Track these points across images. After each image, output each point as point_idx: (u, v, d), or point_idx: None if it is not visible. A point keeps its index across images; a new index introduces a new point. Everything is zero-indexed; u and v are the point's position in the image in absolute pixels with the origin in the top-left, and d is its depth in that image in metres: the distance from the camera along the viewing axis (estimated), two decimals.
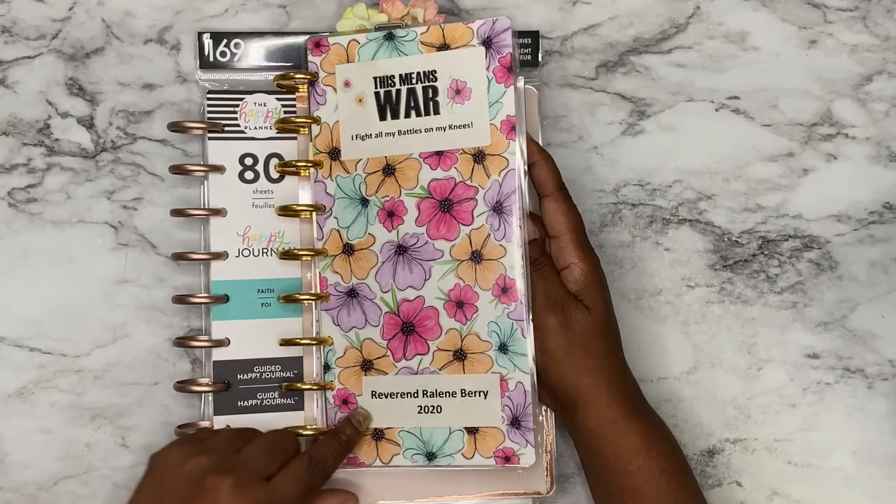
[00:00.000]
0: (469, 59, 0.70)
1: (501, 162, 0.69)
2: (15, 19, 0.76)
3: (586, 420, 0.68)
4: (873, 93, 0.79)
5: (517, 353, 0.69)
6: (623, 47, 0.79)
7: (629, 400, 0.69)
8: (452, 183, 0.70)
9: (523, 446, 0.69)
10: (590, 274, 0.69)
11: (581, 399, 0.68)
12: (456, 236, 0.70)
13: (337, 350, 0.72)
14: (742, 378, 0.77)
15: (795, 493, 0.77)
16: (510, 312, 0.69)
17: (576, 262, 0.69)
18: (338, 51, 0.72)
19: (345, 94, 0.72)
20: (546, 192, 0.70)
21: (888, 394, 0.77)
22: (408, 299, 0.70)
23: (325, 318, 0.72)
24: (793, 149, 0.79)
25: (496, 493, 0.73)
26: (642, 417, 0.69)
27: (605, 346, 0.68)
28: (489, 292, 0.69)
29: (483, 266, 0.69)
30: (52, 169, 0.76)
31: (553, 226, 0.70)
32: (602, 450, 0.68)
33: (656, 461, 0.68)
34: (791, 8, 0.79)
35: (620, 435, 0.68)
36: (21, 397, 0.74)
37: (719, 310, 0.78)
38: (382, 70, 0.71)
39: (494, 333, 0.69)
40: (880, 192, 0.79)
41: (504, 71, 0.69)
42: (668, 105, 0.79)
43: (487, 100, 0.69)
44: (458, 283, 0.70)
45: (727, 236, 0.78)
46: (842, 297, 0.78)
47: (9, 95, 0.76)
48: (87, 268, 0.75)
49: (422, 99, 0.70)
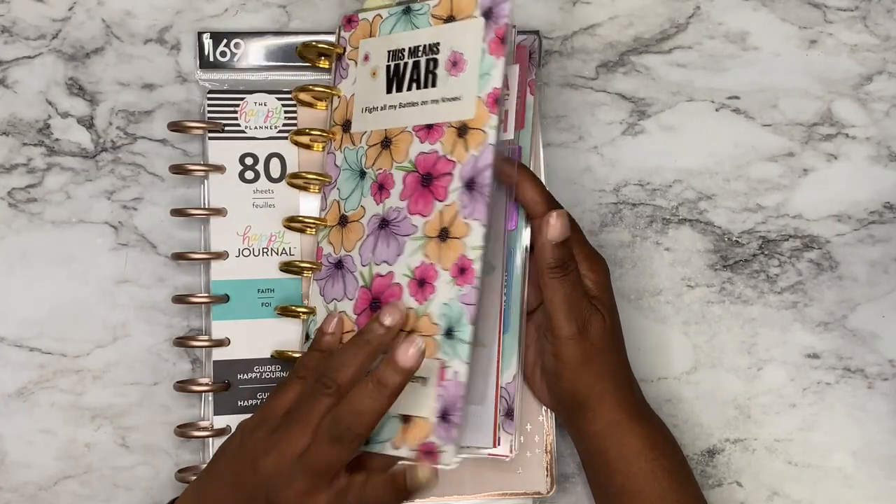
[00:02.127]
0: (468, 31, 0.68)
1: (480, 136, 0.66)
2: (15, 19, 0.76)
3: (591, 423, 0.68)
4: (873, 93, 0.79)
5: (460, 341, 0.64)
6: (623, 47, 0.79)
7: (633, 402, 0.69)
8: (435, 157, 0.67)
9: (446, 443, 0.63)
10: (599, 283, 0.68)
11: (588, 403, 0.68)
12: (430, 212, 0.67)
13: (318, 321, 0.71)
14: (742, 378, 0.77)
15: (795, 493, 0.76)
16: (462, 295, 0.64)
17: (585, 272, 0.68)
18: (364, 26, 0.73)
19: (363, 68, 0.72)
20: (538, 213, 0.67)
21: (888, 394, 0.77)
22: (380, 274, 0.68)
23: (314, 288, 0.72)
24: (793, 149, 0.79)
25: (496, 493, 0.73)
26: (645, 419, 0.69)
27: (612, 351, 0.68)
28: (448, 272, 0.65)
29: (447, 244, 0.66)
30: (52, 169, 0.75)
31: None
32: (605, 451, 0.68)
33: (658, 462, 0.68)
34: (791, 8, 0.79)
35: (623, 436, 0.68)
36: (21, 397, 0.74)
37: (719, 310, 0.78)
38: (396, 43, 0.71)
39: (444, 316, 0.65)
40: (880, 192, 0.79)
41: (498, 42, 0.66)
42: (669, 105, 0.79)
43: (479, 72, 0.67)
44: (424, 260, 0.66)
45: (727, 236, 0.78)
46: (842, 297, 0.78)
47: (9, 95, 0.76)
48: (87, 268, 0.75)
49: (423, 71, 0.69)
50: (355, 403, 0.61)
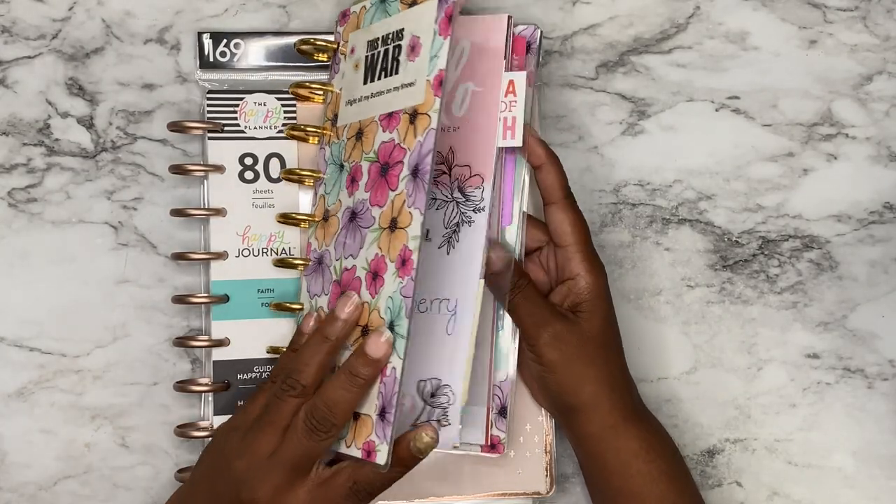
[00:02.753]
0: (425, 13, 0.66)
1: (426, 121, 0.63)
2: (15, 19, 0.76)
3: (587, 426, 0.68)
4: (873, 93, 0.79)
5: (399, 335, 0.62)
6: (623, 47, 0.79)
7: (629, 405, 0.69)
8: (392, 145, 0.65)
9: (381, 442, 0.61)
10: (595, 286, 0.68)
11: (582, 406, 0.68)
12: (385, 202, 0.65)
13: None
14: (742, 378, 0.77)
15: (796, 493, 0.76)
16: (402, 288, 0.62)
17: (582, 273, 0.68)
18: (353, 19, 0.73)
19: (349, 61, 0.72)
20: (553, 200, 0.69)
21: (888, 394, 0.77)
22: (347, 268, 0.67)
23: (303, 284, 0.72)
24: (793, 149, 0.79)
25: (496, 493, 0.73)
26: (642, 422, 0.69)
27: (605, 354, 0.68)
28: (394, 263, 0.63)
29: (395, 235, 0.64)
30: (51, 169, 0.75)
31: (560, 235, 0.69)
32: (602, 454, 0.68)
33: (655, 464, 0.68)
34: (791, 8, 0.79)
35: (620, 439, 0.68)
36: (21, 397, 0.74)
37: (719, 310, 0.78)
38: (373, 34, 0.70)
39: (388, 310, 0.63)
40: (880, 192, 0.79)
41: (446, 22, 0.64)
42: (668, 105, 0.79)
43: (429, 54, 0.65)
44: (377, 252, 0.64)
45: (727, 236, 0.78)
46: (842, 297, 0.78)
47: (9, 95, 0.76)
48: (87, 268, 0.75)
49: (390, 59, 0.68)
50: (329, 394, 0.61)
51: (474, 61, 0.70)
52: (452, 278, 0.68)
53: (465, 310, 0.67)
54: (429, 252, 0.69)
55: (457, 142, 0.70)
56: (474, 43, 0.70)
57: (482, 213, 0.68)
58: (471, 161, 0.69)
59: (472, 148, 0.70)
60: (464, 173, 0.69)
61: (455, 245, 0.69)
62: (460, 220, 0.69)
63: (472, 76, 0.70)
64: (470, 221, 0.69)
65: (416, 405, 0.68)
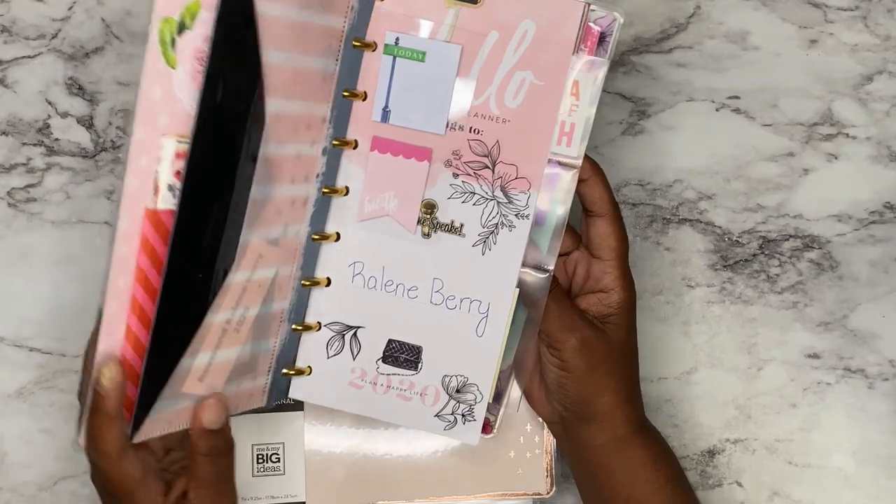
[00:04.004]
0: None
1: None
2: (14, 19, 0.76)
3: (597, 436, 0.68)
4: (874, 92, 0.79)
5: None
6: (623, 47, 0.79)
7: (639, 417, 0.70)
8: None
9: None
10: (626, 302, 0.68)
11: (596, 416, 0.68)
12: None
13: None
14: (742, 378, 0.77)
15: (796, 493, 0.76)
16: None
17: (617, 289, 0.68)
18: None
19: None
20: (600, 212, 0.67)
21: (889, 394, 0.77)
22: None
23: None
24: (793, 148, 0.79)
25: (496, 493, 0.73)
26: (649, 431, 0.70)
27: (625, 367, 0.69)
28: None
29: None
30: (51, 169, 0.75)
31: (602, 248, 0.68)
32: (610, 464, 0.68)
33: (662, 471, 0.68)
34: (791, 7, 0.79)
35: (629, 449, 0.68)
36: (21, 397, 0.74)
37: (720, 310, 0.78)
38: None
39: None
40: (881, 192, 0.78)
41: None
42: (669, 105, 0.79)
43: None
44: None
45: (727, 236, 0.78)
46: (842, 297, 0.78)
47: (8, 95, 0.76)
48: (87, 268, 0.75)
49: None
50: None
51: (538, 48, 0.65)
52: (487, 281, 0.67)
53: (498, 316, 0.67)
54: (461, 248, 0.67)
55: (505, 136, 0.66)
56: (540, 27, 0.65)
57: (525, 221, 0.66)
58: (518, 161, 0.66)
59: (521, 147, 0.66)
60: (509, 173, 0.67)
61: (492, 247, 0.67)
62: (500, 221, 0.67)
63: (533, 65, 0.65)
64: (511, 226, 0.67)
65: (440, 397, 0.68)
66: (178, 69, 0.57)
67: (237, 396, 0.64)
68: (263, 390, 0.67)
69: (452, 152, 0.66)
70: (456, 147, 0.66)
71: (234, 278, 0.60)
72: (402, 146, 0.67)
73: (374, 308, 0.68)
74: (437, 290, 0.67)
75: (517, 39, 0.65)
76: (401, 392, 0.68)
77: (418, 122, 0.66)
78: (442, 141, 0.66)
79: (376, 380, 0.68)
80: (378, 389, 0.68)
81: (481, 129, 0.66)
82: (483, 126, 0.66)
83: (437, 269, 0.67)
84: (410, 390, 0.68)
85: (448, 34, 0.65)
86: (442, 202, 0.67)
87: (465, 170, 0.66)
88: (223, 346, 0.61)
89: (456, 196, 0.67)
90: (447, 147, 0.66)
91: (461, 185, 0.67)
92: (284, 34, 0.60)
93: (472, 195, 0.67)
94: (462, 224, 0.67)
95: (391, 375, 0.68)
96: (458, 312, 0.67)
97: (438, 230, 0.67)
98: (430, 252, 0.67)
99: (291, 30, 0.61)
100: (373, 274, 0.68)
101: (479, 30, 0.65)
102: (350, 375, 0.68)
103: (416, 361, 0.68)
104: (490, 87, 0.66)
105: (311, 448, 0.73)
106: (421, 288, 0.67)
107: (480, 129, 0.66)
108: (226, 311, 0.61)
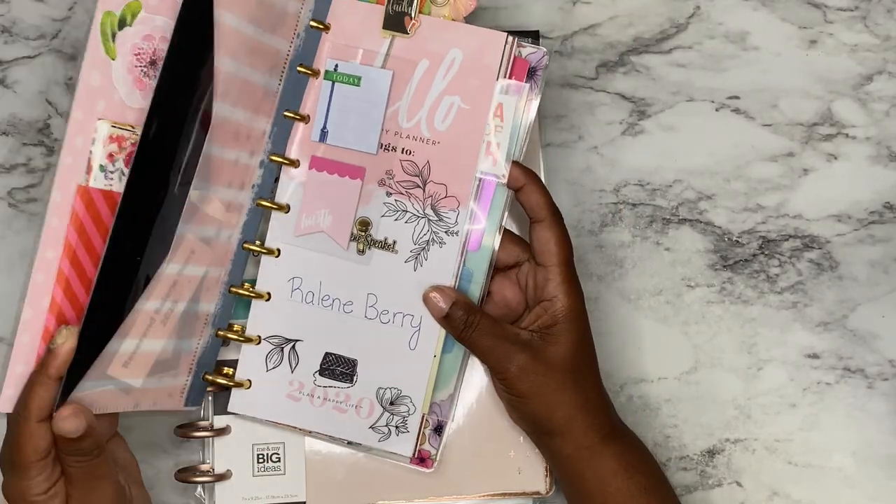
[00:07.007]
0: None
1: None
2: (15, 19, 0.76)
3: (563, 447, 0.68)
4: (873, 93, 0.79)
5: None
6: (623, 47, 0.79)
7: (606, 425, 0.69)
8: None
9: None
10: (570, 310, 0.67)
11: (556, 430, 0.68)
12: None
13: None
14: (742, 378, 0.77)
15: (796, 493, 0.76)
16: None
17: (559, 296, 0.67)
18: None
19: None
20: (540, 218, 0.68)
21: (888, 394, 0.77)
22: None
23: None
24: (793, 149, 0.79)
25: (496, 493, 0.73)
26: (618, 439, 0.69)
27: (575, 378, 0.67)
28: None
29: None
30: (51, 169, 0.75)
31: (543, 254, 0.68)
32: (580, 473, 0.68)
33: (634, 480, 0.68)
34: (791, 8, 0.79)
35: (597, 458, 0.67)
36: None
37: (719, 310, 0.78)
38: None
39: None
40: (880, 192, 0.79)
41: None
42: (668, 105, 0.79)
43: None
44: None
45: (727, 236, 0.78)
46: (842, 297, 0.78)
47: (9, 95, 0.76)
48: None
49: None
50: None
51: (465, 75, 0.69)
52: (419, 296, 0.69)
53: (430, 329, 0.69)
54: (394, 264, 0.69)
55: (435, 157, 0.69)
56: (467, 55, 0.69)
57: (455, 238, 0.69)
58: (447, 181, 0.69)
59: (450, 167, 0.69)
60: (439, 192, 0.69)
61: (423, 263, 0.69)
62: (431, 238, 0.69)
63: (461, 90, 0.69)
64: (441, 243, 0.69)
65: (374, 409, 0.70)
66: (117, 60, 0.61)
67: (157, 392, 0.66)
68: (182, 391, 0.69)
69: (386, 172, 0.70)
70: (389, 167, 0.69)
71: (167, 269, 0.63)
72: (338, 165, 0.70)
73: (311, 322, 0.70)
74: (372, 304, 0.70)
75: (446, 66, 0.69)
76: (337, 404, 0.70)
77: (352, 142, 0.70)
78: (375, 161, 0.69)
79: (314, 392, 0.70)
80: (315, 402, 0.70)
81: (413, 150, 0.69)
82: (415, 147, 0.69)
83: (372, 284, 0.70)
84: (346, 402, 0.70)
85: (382, 61, 0.69)
86: (376, 220, 0.70)
87: (398, 189, 0.70)
88: (149, 336, 0.63)
89: (389, 214, 0.70)
90: (381, 167, 0.69)
91: (394, 204, 0.70)
92: (236, 45, 0.63)
93: (404, 213, 0.70)
94: (395, 241, 0.70)
95: (328, 388, 0.70)
96: (392, 326, 0.69)
97: (373, 247, 0.70)
98: (364, 268, 0.70)
99: (243, 42, 0.64)
100: (311, 289, 0.70)
101: (411, 58, 0.69)
102: (288, 388, 0.70)
103: (351, 374, 0.70)
104: (421, 111, 0.69)
105: (312, 448, 0.73)
106: (356, 303, 0.70)
107: (412, 150, 0.69)
108: (156, 301, 0.63)
